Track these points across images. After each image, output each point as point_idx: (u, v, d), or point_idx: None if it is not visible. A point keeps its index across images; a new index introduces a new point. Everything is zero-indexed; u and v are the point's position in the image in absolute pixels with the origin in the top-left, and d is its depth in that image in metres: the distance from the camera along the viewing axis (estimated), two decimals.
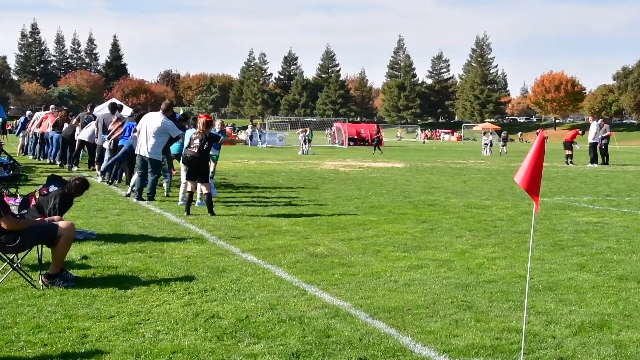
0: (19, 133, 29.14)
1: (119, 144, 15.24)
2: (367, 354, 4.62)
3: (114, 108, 17.37)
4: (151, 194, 12.82)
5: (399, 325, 5.27)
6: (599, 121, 29.44)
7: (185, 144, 11.87)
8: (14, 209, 7.42)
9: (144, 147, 12.58)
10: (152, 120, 12.69)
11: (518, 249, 8.58)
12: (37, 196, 7.35)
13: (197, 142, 10.96)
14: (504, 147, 42.47)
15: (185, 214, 10.93)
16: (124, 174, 16.11)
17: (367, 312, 5.59)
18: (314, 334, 5.00)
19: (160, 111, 12.95)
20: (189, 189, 11.21)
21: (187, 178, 11.28)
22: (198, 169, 11.00)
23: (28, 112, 30.23)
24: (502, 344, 4.86)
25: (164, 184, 13.83)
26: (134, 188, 13.01)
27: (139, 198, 12.67)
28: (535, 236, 9.05)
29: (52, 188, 7.42)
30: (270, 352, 4.60)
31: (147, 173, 12.86)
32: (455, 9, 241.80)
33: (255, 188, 16.12)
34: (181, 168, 12.38)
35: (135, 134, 13.97)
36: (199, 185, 11.43)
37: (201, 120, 11.29)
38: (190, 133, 11.98)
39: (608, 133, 29.30)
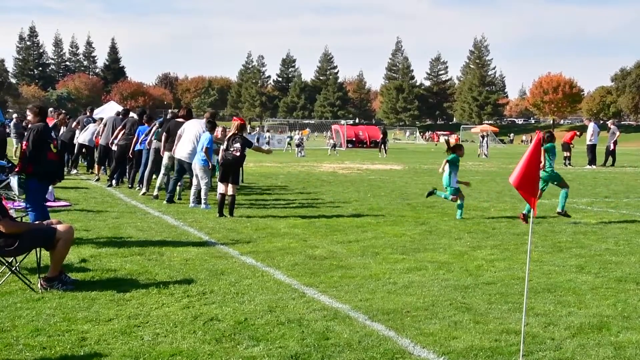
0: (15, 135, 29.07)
1: (136, 149, 15.20)
2: (366, 356, 4.62)
3: (127, 113, 17.21)
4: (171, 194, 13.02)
5: (398, 327, 5.27)
6: (596, 123, 29.45)
7: (201, 147, 12.18)
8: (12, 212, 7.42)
9: (184, 150, 12.71)
10: (196, 127, 12.87)
11: (517, 251, 8.58)
12: None
13: (237, 145, 11.33)
14: (484, 149, 41.19)
15: (217, 215, 11.16)
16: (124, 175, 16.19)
17: (366, 314, 5.59)
18: (312, 336, 5.00)
19: (205, 120, 13.12)
20: (221, 190, 11.40)
21: (221, 180, 11.49)
22: (235, 171, 11.42)
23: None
24: (501, 345, 4.86)
25: (177, 188, 13.89)
26: (163, 189, 13.27)
27: (170, 200, 12.85)
28: (533, 238, 9.06)
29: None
30: (269, 355, 4.59)
31: (182, 177, 13.07)
32: (452, 10, 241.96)
33: (254, 190, 16.12)
34: (182, 168, 12.69)
35: (149, 139, 14.32)
36: (220, 185, 11.56)
37: (235, 123, 11.62)
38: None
39: (618, 134, 29.33)
